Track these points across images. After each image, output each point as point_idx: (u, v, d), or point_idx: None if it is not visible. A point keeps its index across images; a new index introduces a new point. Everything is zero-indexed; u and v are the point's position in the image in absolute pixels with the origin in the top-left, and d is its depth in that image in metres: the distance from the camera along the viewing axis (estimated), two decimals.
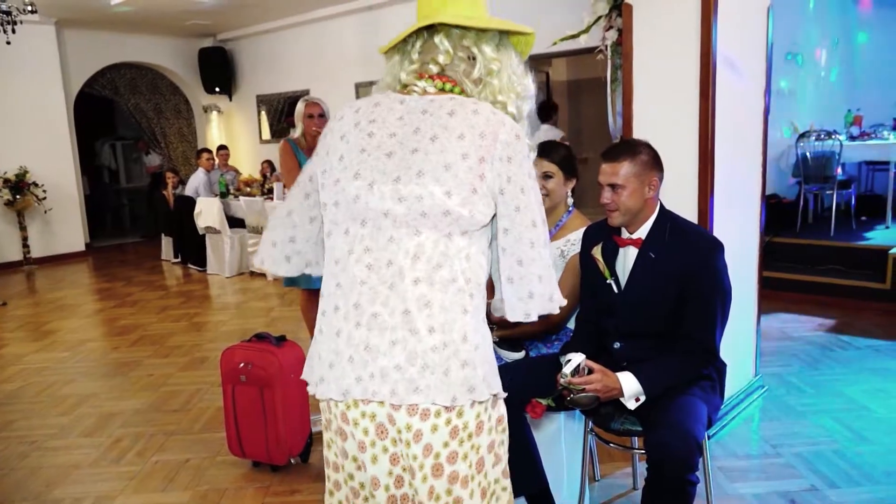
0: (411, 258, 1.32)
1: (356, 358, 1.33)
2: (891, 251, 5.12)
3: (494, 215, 1.40)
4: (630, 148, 2.21)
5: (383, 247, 1.34)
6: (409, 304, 1.31)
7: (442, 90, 1.43)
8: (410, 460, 1.35)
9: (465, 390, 1.31)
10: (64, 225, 9.06)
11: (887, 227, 6.24)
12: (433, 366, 1.30)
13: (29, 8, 6.37)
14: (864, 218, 6.66)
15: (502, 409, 1.46)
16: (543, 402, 2.18)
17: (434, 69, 1.43)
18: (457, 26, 1.42)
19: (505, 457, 1.48)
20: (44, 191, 8.53)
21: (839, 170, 6.28)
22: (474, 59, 1.44)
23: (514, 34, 1.48)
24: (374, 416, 1.35)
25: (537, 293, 1.39)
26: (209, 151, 8.55)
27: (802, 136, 6.45)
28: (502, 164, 1.35)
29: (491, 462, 1.42)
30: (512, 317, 1.41)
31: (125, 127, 12.24)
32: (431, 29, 1.45)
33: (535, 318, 1.41)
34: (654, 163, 2.21)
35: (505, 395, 1.44)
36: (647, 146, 2.23)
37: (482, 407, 1.37)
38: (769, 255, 5.10)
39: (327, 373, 1.37)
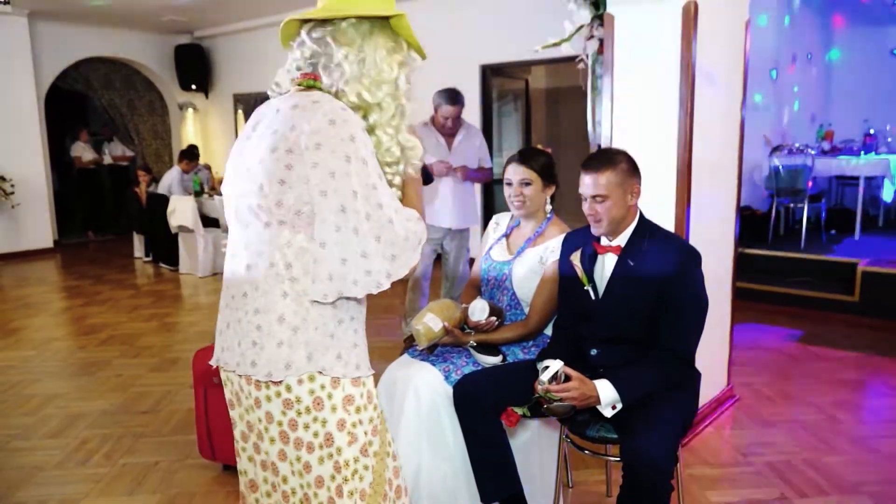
0: (243, 247, 1.51)
1: (223, 332, 1.57)
2: (859, 265, 5.21)
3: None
4: (609, 158, 2.21)
5: (233, 239, 1.56)
6: (245, 288, 1.49)
7: (305, 87, 1.52)
8: (257, 423, 1.54)
9: (282, 367, 1.44)
10: (32, 221, 8.84)
11: (856, 241, 6.37)
12: (259, 343, 1.45)
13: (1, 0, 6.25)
14: (833, 231, 6.78)
15: (351, 390, 1.51)
16: (519, 411, 2.17)
17: (303, 66, 1.53)
18: (307, 20, 1.51)
19: (366, 437, 1.55)
20: (12, 185, 8.36)
21: (810, 183, 6.40)
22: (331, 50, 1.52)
23: (385, 19, 1.50)
24: (230, 382, 1.59)
25: (337, 275, 1.42)
26: (188, 159, 8.11)
27: (776, 149, 6.56)
28: (310, 151, 1.40)
29: (345, 440, 1.50)
30: (312, 296, 1.45)
31: (97, 122, 12.03)
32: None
33: (331, 300, 1.44)
34: (633, 170, 2.23)
35: (347, 378, 1.49)
36: (625, 154, 2.25)
37: (315, 384, 1.47)
38: (741, 266, 5.16)
39: (215, 342, 1.61)
